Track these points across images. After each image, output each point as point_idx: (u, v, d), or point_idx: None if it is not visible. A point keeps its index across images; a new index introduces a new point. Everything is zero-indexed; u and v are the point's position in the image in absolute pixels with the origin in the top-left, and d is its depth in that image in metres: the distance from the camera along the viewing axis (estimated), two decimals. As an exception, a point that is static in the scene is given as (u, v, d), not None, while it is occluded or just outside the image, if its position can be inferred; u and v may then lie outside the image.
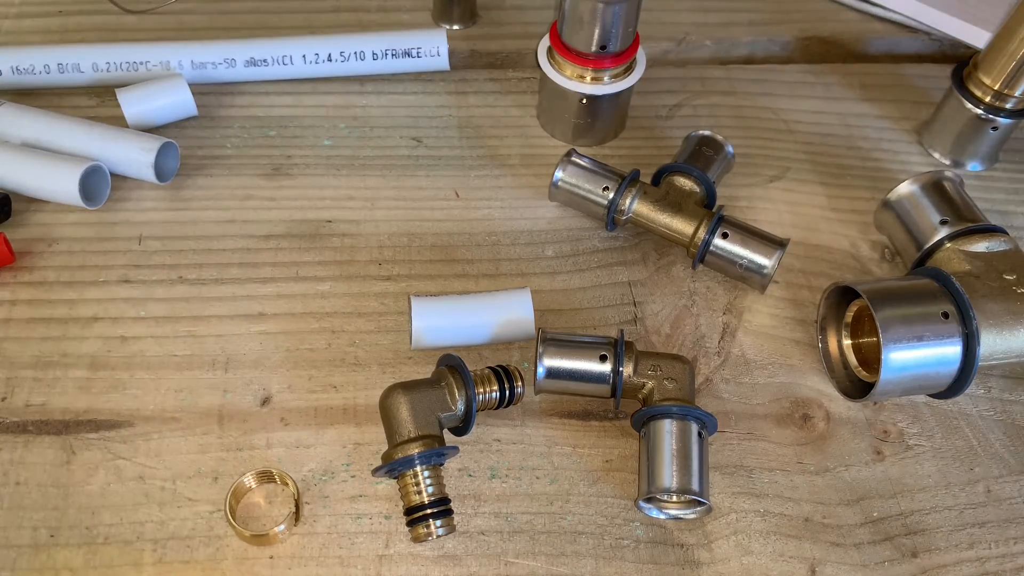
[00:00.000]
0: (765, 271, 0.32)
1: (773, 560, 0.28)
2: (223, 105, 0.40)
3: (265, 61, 0.39)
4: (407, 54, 0.40)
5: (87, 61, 0.39)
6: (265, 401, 0.31)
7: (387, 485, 0.29)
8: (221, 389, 0.31)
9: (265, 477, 0.28)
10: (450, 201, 0.37)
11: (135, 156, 0.35)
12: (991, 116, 0.36)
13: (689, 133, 0.37)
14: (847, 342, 0.32)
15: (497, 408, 0.29)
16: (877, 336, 0.28)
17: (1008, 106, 0.36)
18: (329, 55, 0.40)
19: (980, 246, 0.31)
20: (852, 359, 0.32)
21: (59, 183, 0.34)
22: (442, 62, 0.40)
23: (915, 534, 0.29)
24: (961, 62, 0.38)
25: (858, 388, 0.31)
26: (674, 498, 0.28)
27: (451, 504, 0.27)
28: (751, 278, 0.33)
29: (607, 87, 0.36)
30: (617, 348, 0.29)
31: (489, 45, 0.43)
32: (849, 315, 0.32)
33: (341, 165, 0.38)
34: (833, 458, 0.30)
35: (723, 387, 0.32)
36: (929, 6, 0.43)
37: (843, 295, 0.32)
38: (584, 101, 0.37)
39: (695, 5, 0.46)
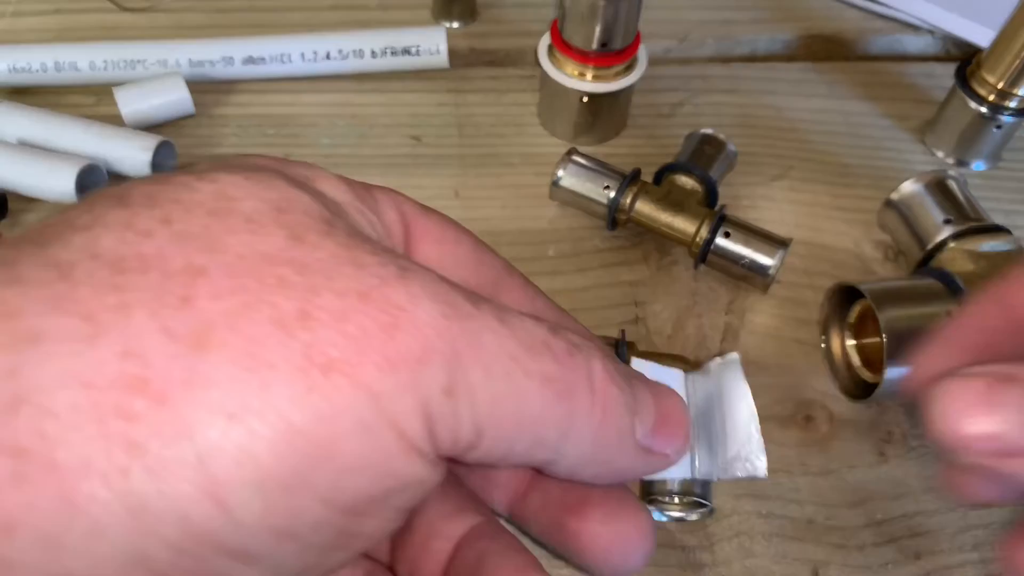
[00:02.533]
0: (767, 271, 0.32)
1: (776, 562, 0.28)
2: (221, 104, 0.40)
3: (263, 59, 0.39)
4: (406, 52, 0.40)
5: (84, 59, 0.38)
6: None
7: (386, 487, 0.29)
8: (219, 390, 0.30)
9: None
10: (450, 200, 0.37)
11: (132, 155, 0.35)
12: (995, 115, 0.36)
13: (691, 132, 0.37)
14: (850, 343, 0.32)
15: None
16: (881, 336, 0.28)
17: (1012, 104, 0.36)
18: (327, 53, 0.39)
19: (984, 246, 0.31)
20: (856, 360, 0.32)
21: (55, 182, 0.34)
22: (442, 60, 0.40)
23: (919, 536, 0.28)
24: (964, 60, 0.37)
25: (861, 389, 0.31)
26: (676, 499, 0.28)
27: (451, 506, 0.27)
28: (753, 278, 0.33)
29: (608, 85, 0.36)
30: (619, 348, 0.29)
31: (489, 43, 0.43)
32: (852, 315, 0.32)
33: (340, 164, 0.38)
34: (836, 460, 0.30)
35: (725, 388, 0.31)
36: (932, 4, 0.43)
37: (846, 295, 0.31)
38: (585, 99, 0.37)
39: (697, 3, 0.45)
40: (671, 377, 0.20)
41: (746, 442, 0.18)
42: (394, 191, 0.18)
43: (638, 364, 0.19)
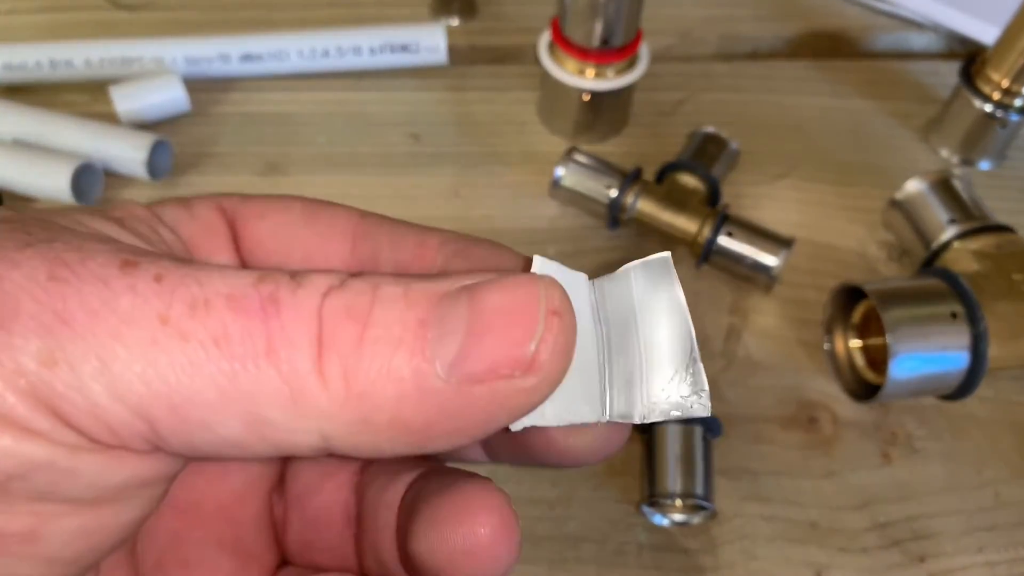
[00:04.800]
0: (771, 271, 0.32)
1: (779, 565, 0.27)
2: (217, 101, 0.39)
3: (260, 57, 0.39)
4: (404, 49, 0.39)
5: (80, 57, 0.38)
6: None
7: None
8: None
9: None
10: (449, 199, 0.36)
11: (127, 153, 0.35)
12: (1000, 113, 0.36)
13: (693, 130, 0.36)
14: (854, 343, 0.31)
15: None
16: (885, 337, 0.27)
17: (1018, 103, 0.35)
18: (325, 50, 0.39)
19: (989, 245, 0.31)
20: (859, 360, 0.31)
21: (51, 180, 0.34)
22: (440, 57, 0.40)
23: (923, 538, 0.28)
24: (969, 58, 0.37)
25: (865, 390, 0.31)
26: (678, 502, 0.28)
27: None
28: (756, 278, 0.33)
29: (609, 83, 0.36)
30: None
31: (489, 40, 0.43)
32: (856, 316, 0.31)
33: (337, 163, 0.37)
34: (840, 461, 0.30)
35: (728, 389, 0.31)
36: (936, 1, 0.43)
37: (850, 295, 0.31)
38: (586, 97, 0.36)
39: (699, 0, 0.45)
40: (570, 282, 0.14)
41: (679, 370, 0.13)
42: (221, 195, 0.17)
43: (541, 264, 0.14)
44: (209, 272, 0.12)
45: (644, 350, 0.14)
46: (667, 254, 0.14)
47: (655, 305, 0.14)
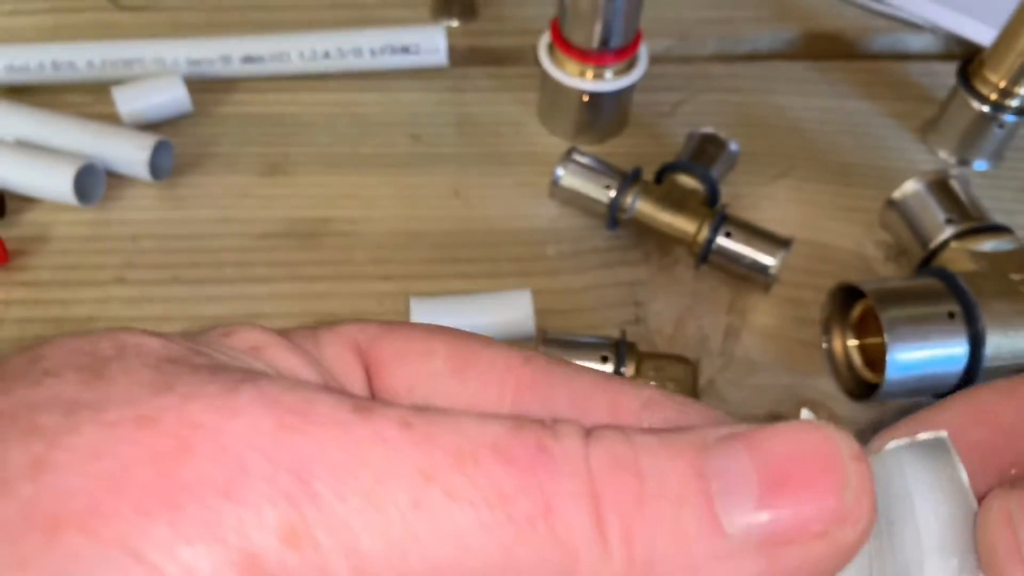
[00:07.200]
0: (769, 271, 0.32)
1: (777, 564, 0.28)
2: (219, 102, 0.39)
3: (261, 58, 0.39)
4: (405, 50, 0.39)
5: (82, 58, 0.38)
6: (262, 403, 0.30)
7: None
8: (217, 391, 0.30)
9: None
10: (449, 200, 0.36)
11: (130, 154, 0.35)
12: (997, 114, 0.36)
13: (692, 131, 0.37)
14: (852, 343, 0.32)
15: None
16: (882, 337, 0.28)
17: (1014, 103, 0.36)
18: (326, 52, 0.39)
19: (986, 245, 0.31)
20: (857, 360, 0.31)
21: (53, 181, 0.34)
22: (440, 58, 0.40)
23: (921, 537, 0.28)
24: (966, 59, 0.37)
25: (863, 389, 0.31)
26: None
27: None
28: (755, 278, 0.33)
29: (609, 84, 0.36)
30: (619, 349, 0.29)
31: (489, 41, 0.43)
32: (854, 315, 0.32)
33: (338, 163, 0.37)
34: (838, 460, 0.30)
35: (726, 389, 0.31)
36: (934, 2, 0.43)
37: (848, 295, 0.31)
38: (586, 98, 0.36)
39: (698, 1, 0.45)
40: None
41: (964, 564, 0.12)
42: (352, 323, 0.15)
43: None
44: (457, 418, 0.10)
45: (922, 540, 0.12)
46: (944, 434, 0.12)
47: (932, 491, 0.12)
